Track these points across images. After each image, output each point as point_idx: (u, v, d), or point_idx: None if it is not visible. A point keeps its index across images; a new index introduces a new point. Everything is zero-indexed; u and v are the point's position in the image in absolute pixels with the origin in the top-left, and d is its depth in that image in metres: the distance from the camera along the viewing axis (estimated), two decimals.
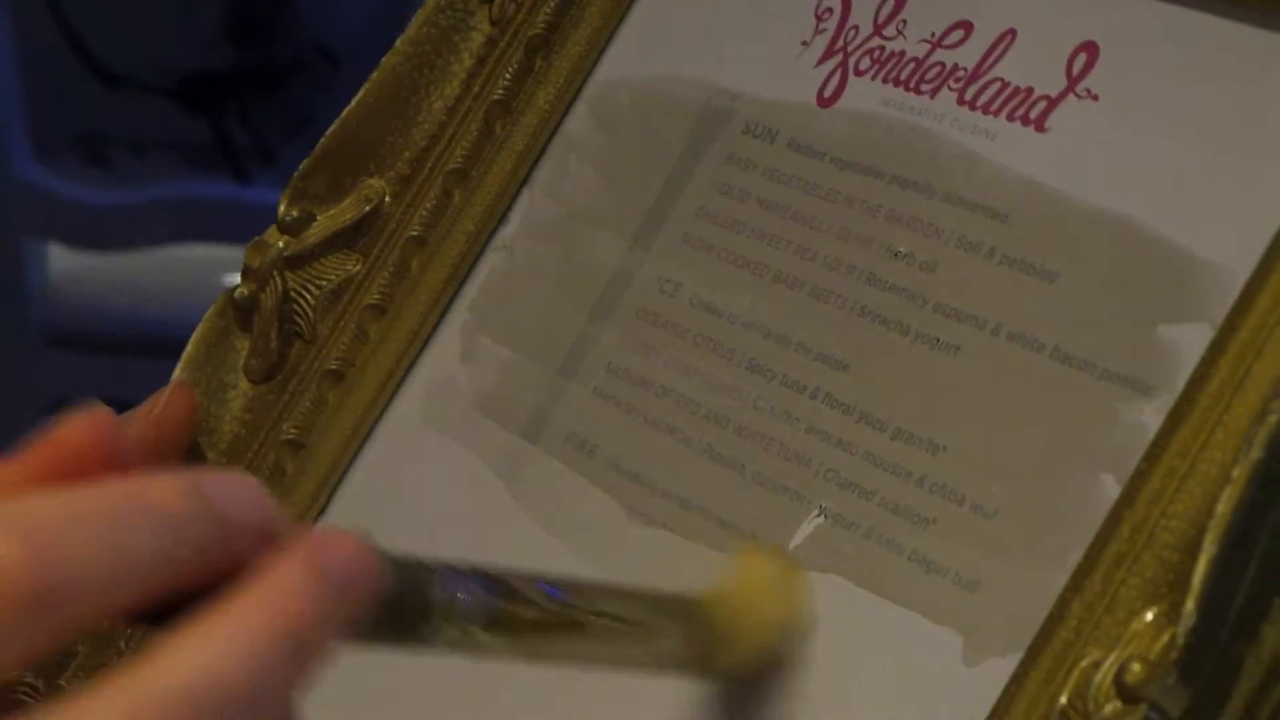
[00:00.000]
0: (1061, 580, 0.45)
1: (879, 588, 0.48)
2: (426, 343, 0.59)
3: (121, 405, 0.60)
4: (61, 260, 1.93)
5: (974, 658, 0.46)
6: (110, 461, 0.40)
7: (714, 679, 0.49)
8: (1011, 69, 0.52)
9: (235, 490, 0.38)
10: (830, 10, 0.56)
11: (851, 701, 0.48)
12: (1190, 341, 0.46)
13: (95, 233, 1.90)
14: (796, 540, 0.50)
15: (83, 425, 0.42)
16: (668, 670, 0.48)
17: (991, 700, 0.45)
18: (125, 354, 1.85)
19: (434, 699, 0.53)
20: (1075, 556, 0.45)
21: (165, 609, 0.37)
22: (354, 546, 0.38)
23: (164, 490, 0.37)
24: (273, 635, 0.36)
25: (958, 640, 0.46)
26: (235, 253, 0.65)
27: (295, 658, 0.36)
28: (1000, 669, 0.45)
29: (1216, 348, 0.45)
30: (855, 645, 0.48)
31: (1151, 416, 0.46)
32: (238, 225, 1.81)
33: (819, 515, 0.50)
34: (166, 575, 0.36)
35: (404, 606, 0.40)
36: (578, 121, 0.60)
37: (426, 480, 0.58)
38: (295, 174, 0.61)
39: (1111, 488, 0.45)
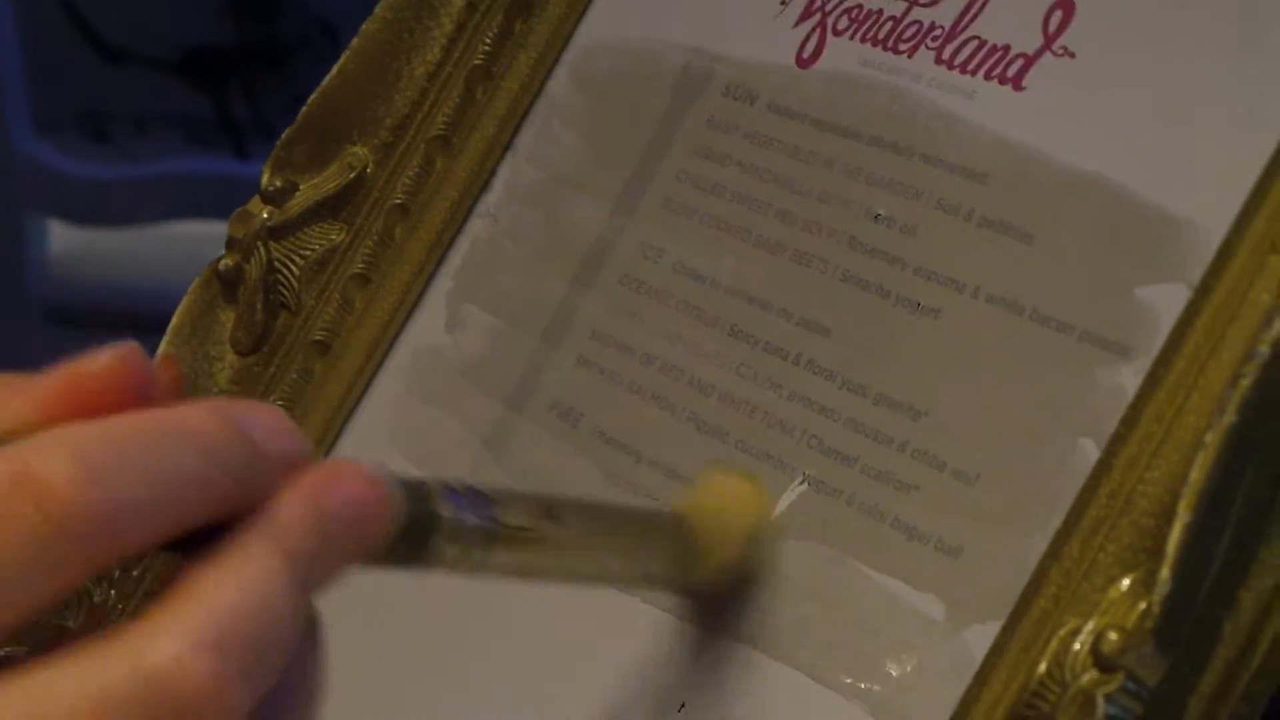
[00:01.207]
0: (1042, 545, 0.45)
1: (861, 555, 0.48)
2: (411, 312, 0.59)
3: None
4: (62, 236, 1.93)
5: (956, 624, 0.46)
6: (140, 400, 0.39)
7: (690, 592, 0.49)
8: (988, 27, 0.51)
9: (266, 420, 0.38)
10: None
11: (833, 669, 0.48)
12: (1167, 302, 0.46)
13: (96, 208, 1.90)
14: (780, 507, 0.50)
15: (112, 361, 0.42)
16: (649, 584, 0.49)
17: (973, 668, 0.45)
18: (126, 329, 1.84)
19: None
20: (1056, 522, 0.45)
21: (192, 539, 0.36)
22: (363, 482, 0.38)
23: (203, 418, 0.36)
24: (272, 570, 0.36)
25: (940, 607, 0.46)
26: None
27: (297, 590, 0.36)
28: (982, 636, 0.45)
29: (1192, 310, 0.45)
30: (838, 613, 0.48)
31: (1130, 379, 0.46)
32: (239, 202, 1.80)
33: (802, 482, 0.50)
34: (208, 503, 0.36)
35: (410, 529, 0.39)
36: (559, 85, 0.59)
37: (413, 450, 0.58)
38: (277, 143, 0.61)
39: (1091, 452, 0.45)
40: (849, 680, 0.47)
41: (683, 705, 0.49)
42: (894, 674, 0.47)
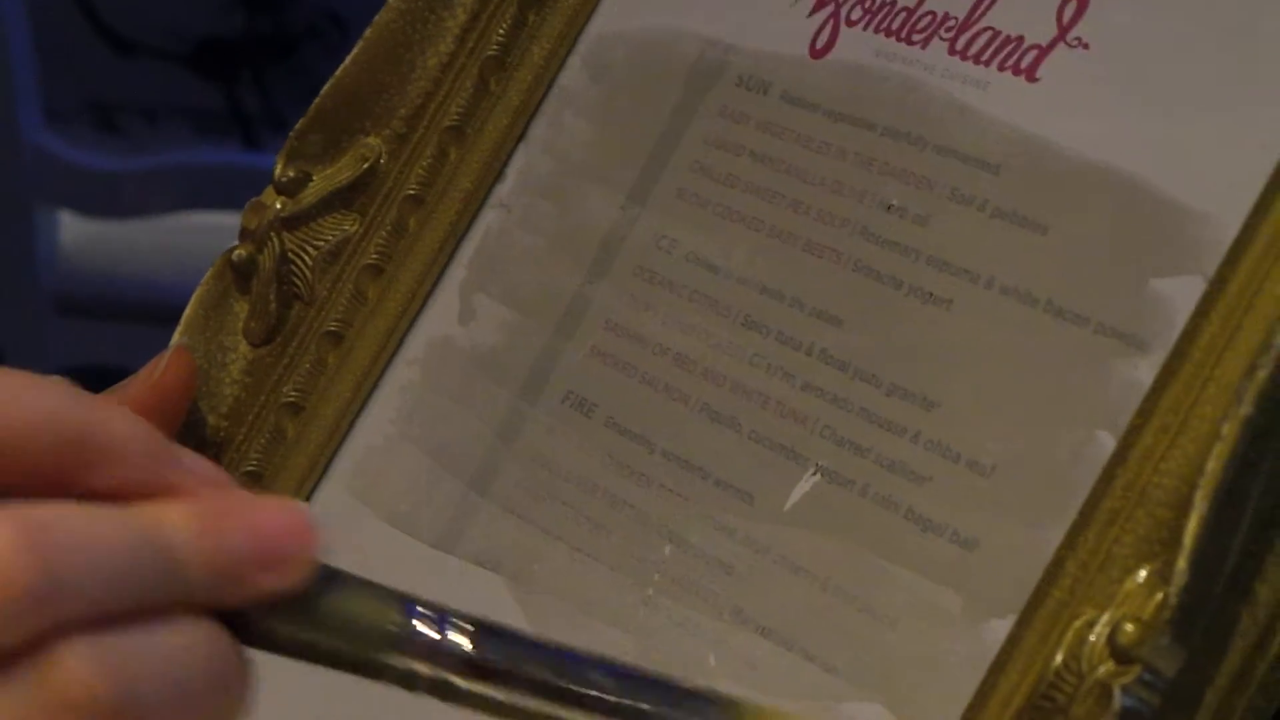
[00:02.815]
0: (1059, 537, 0.45)
1: (875, 546, 0.48)
2: (425, 302, 0.59)
3: (130, 372, 0.60)
4: (73, 227, 1.94)
5: (973, 618, 0.46)
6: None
7: None
8: (1002, 17, 0.51)
9: (275, 531, 0.38)
10: None
11: (848, 661, 0.48)
12: (1183, 294, 0.46)
13: (106, 199, 1.90)
14: (793, 499, 0.50)
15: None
16: None
17: (989, 660, 0.45)
18: (136, 321, 1.85)
19: None
20: (1073, 515, 0.45)
21: None
22: (284, 518, 0.38)
23: (179, 530, 0.37)
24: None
25: (956, 600, 0.46)
26: None
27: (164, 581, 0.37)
28: (999, 629, 0.45)
29: (1208, 301, 0.45)
30: (853, 605, 0.48)
31: (1146, 372, 0.45)
32: (249, 192, 1.81)
33: (815, 473, 0.50)
34: (158, 600, 0.37)
35: (362, 630, 0.38)
36: (572, 76, 0.59)
37: (426, 441, 0.58)
38: (290, 133, 0.61)
39: (1107, 444, 0.45)
40: (864, 672, 0.47)
41: None
42: (910, 667, 0.47)
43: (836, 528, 0.49)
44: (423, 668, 0.38)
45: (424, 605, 0.39)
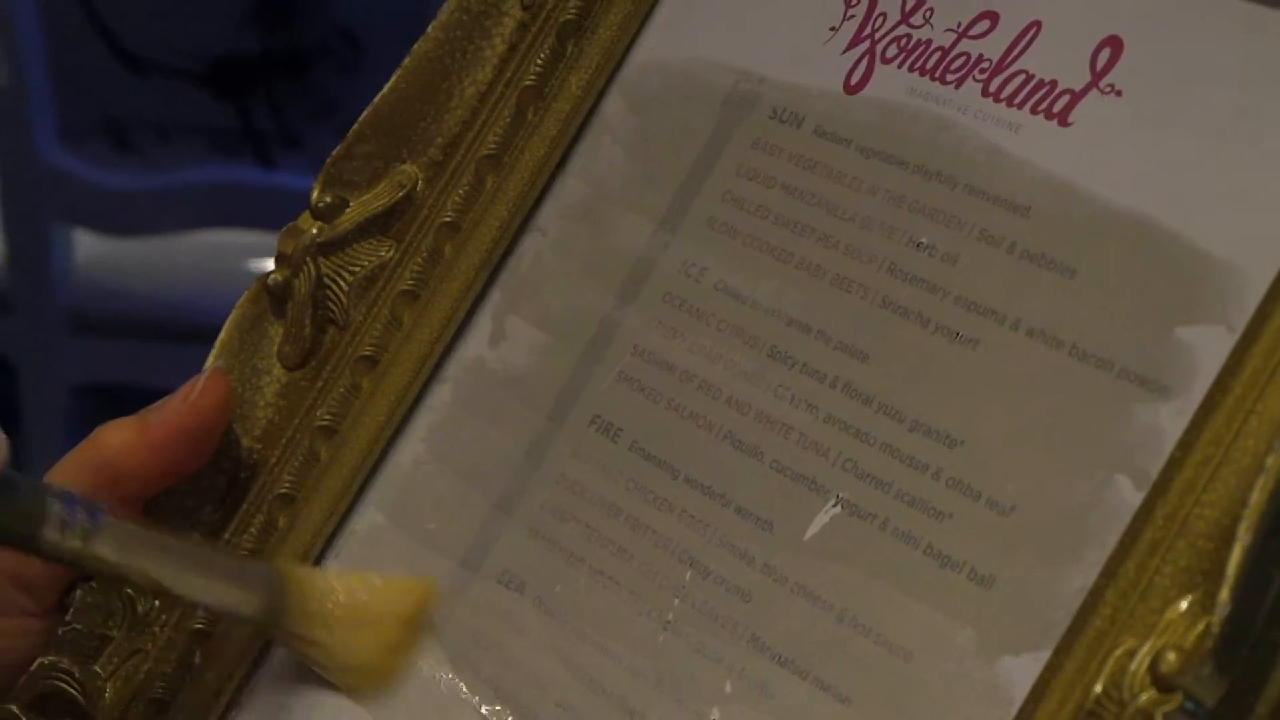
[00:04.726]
0: (1076, 579, 0.45)
1: (892, 580, 0.48)
2: (460, 329, 0.59)
3: (145, 390, 0.60)
4: (87, 245, 1.94)
5: (988, 654, 0.46)
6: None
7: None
8: (1036, 61, 0.51)
9: None
10: None
11: (864, 694, 0.48)
12: (1207, 344, 0.46)
13: (121, 218, 1.90)
14: (813, 529, 0.50)
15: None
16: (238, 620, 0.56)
17: (1002, 698, 0.45)
18: (151, 339, 1.85)
19: None
20: (1091, 556, 0.45)
21: None
22: None
23: None
24: None
25: (971, 636, 0.47)
26: (260, 238, 0.65)
27: None
28: (1013, 667, 0.46)
29: (1249, 336, 0.45)
30: (869, 636, 0.48)
31: (1168, 418, 0.46)
32: (263, 210, 1.82)
33: (836, 505, 0.50)
34: None
35: (20, 509, 0.51)
36: (611, 104, 0.59)
37: (457, 461, 0.58)
38: (328, 160, 0.61)
39: (1126, 488, 0.46)
40: (878, 704, 0.48)
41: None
42: (924, 700, 0.47)
43: (855, 559, 0.49)
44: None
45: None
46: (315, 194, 0.61)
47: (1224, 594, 0.41)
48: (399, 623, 0.54)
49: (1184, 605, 0.43)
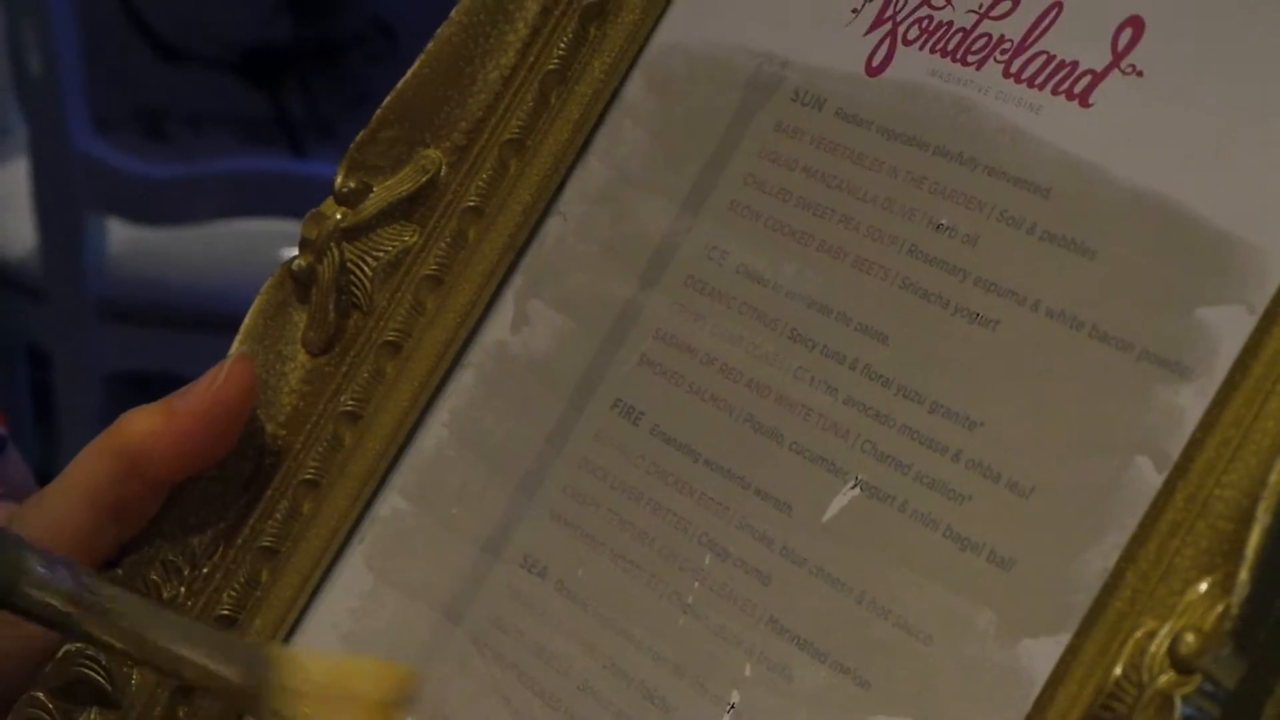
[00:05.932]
0: (1096, 561, 0.45)
1: (913, 562, 0.48)
2: (484, 313, 0.59)
3: (178, 379, 0.60)
4: (120, 233, 1.94)
5: (1008, 636, 0.46)
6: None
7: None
8: (1057, 42, 0.51)
9: None
10: None
11: (884, 676, 0.48)
12: (1228, 324, 0.46)
13: (154, 206, 1.91)
14: (832, 511, 0.50)
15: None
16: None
17: (1023, 680, 0.45)
18: (183, 328, 1.86)
19: None
20: (1111, 539, 0.45)
21: None
22: None
23: None
24: None
25: (991, 618, 0.47)
26: (293, 227, 0.65)
27: None
28: (1034, 649, 0.45)
29: (1270, 317, 0.45)
30: (887, 619, 0.49)
31: (1188, 399, 0.46)
32: (295, 199, 1.82)
33: (855, 487, 0.50)
34: None
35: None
36: (633, 87, 0.59)
37: (480, 446, 0.58)
38: (351, 145, 0.61)
39: (1147, 470, 0.45)
40: (897, 687, 0.48)
41: (732, 706, 0.50)
42: (943, 682, 0.47)
43: (874, 542, 0.49)
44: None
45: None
46: (339, 179, 0.61)
47: (1243, 575, 0.41)
48: (377, 706, 0.54)
49: (1204, 587, 0.43)
